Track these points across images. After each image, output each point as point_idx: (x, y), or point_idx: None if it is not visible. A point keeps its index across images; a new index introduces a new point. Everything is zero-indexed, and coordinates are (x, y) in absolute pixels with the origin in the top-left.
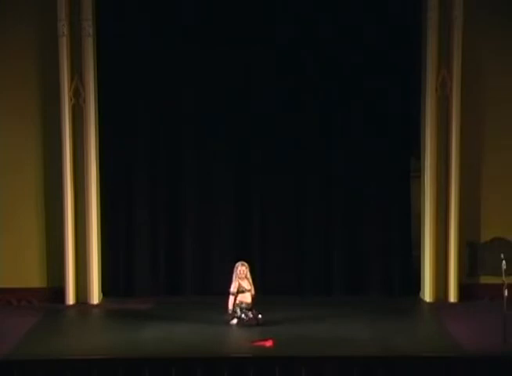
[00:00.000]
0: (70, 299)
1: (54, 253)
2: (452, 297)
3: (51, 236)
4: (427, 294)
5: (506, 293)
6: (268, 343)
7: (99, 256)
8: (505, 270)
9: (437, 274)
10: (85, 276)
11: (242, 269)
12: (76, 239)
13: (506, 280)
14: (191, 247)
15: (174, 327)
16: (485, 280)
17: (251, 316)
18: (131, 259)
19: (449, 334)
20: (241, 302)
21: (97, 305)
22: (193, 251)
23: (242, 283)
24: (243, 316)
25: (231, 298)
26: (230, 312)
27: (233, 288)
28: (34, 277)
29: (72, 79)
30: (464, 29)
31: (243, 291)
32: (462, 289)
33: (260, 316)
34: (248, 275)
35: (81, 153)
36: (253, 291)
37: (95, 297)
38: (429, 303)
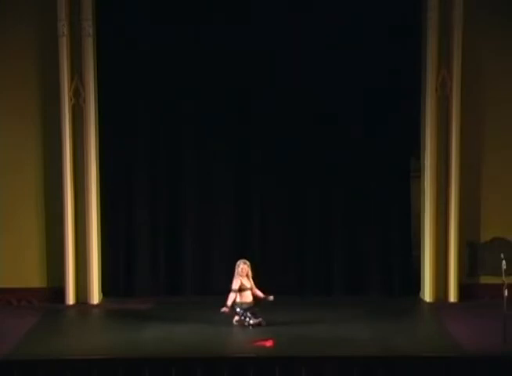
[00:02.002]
0: (70, 299)
1: (54, 253)
2: (452, 297)
3: (51, 236)
4: (427, 294)
5: (506, 293)
6: (269, 343)
7: (99, 256)
8: (505, 270)
9: (437, 274)
10: (85, 276)
11: (244, 267)
12: (76, 239)
13: (506, 280)
14: (191, 247)
15: (174, 327)
16: (485, 280)
17: (256, 321)
18: (131, 259)
19: (449, 334)
20: (242, 303)
21: (97, 305)
22: (193, 251)
23: (243, 282)
24: (247, 319)
25: (231, 295)
26: (227, 309)
27: (235, 286)
28: (34, 277)
29: (72, 79)
30: (464, 29)
31: (244, 290)
32: (462, 289)
33: (254, 320)
34: (250, 273)
35: (81, 153)
36: (254, 290)
37: (95, 297)
38: (429, 303)
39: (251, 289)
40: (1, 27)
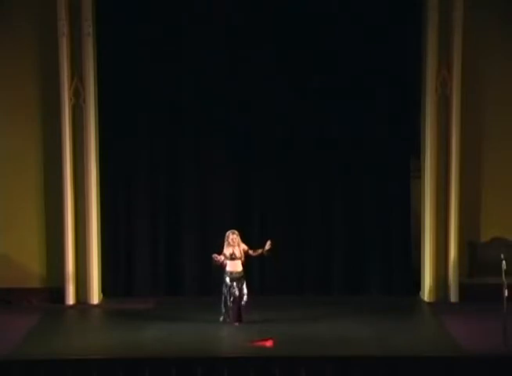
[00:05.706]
0: (70, 299)
1: (54, 253)
2: (452, 297)
3: (51, 236)
4: (427, 294)
5: (506, 293)
6: (268, 343)
7: (99, 256)
8: (505, 270)
9: (437, 274)
10: (85, 276)
11: (233, 237)
12: (76, 239)
13: (506, 280)
14: (191, 247)
15: (174, 327)
16: (485, 280)
17: (237, 294)
18: (131, 259)
19: (449, 334)
20: (231, 272)
21: (97, 305)
22: (193, 251)
23: (235, 251)
24: (233, 290)
25: (222, 258)
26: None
27: (226, 252)
28: (34, 277)
29: (72, 79)
30: (464, 29)
31: (234, 259)
32: (462, 289)
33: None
34: (240, 242)
35: (81, 153)
36: (249, 252)
37: (95, 297)
38: (429, 303)
39: (241, 258)
40: (1, 27)
